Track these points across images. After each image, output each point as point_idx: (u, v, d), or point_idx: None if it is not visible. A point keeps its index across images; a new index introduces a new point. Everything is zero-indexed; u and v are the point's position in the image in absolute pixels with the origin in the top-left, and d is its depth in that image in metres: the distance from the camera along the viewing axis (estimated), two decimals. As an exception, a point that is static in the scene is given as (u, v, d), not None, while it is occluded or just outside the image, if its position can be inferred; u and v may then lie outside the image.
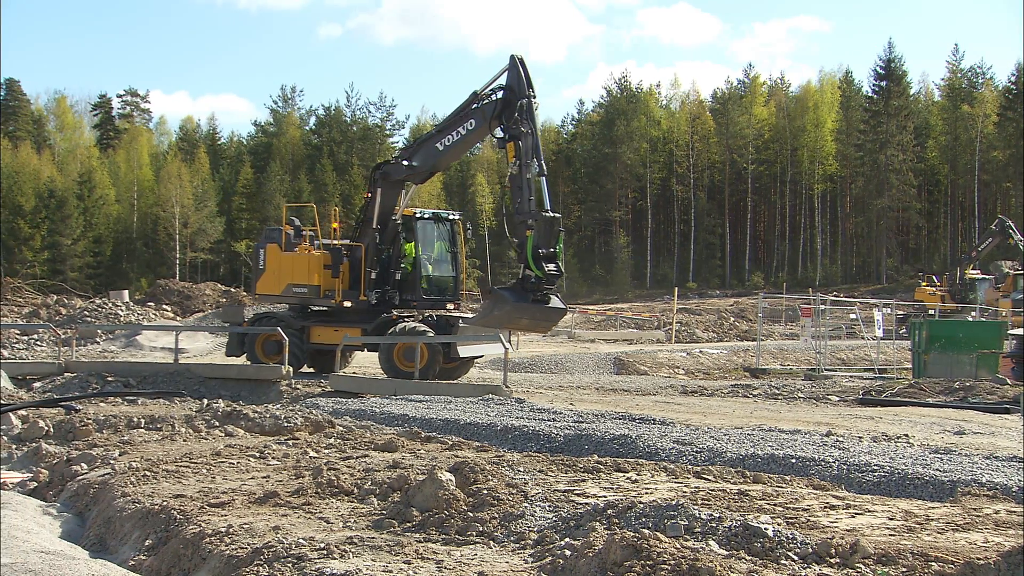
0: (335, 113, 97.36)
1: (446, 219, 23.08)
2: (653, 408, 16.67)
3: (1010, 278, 48.42)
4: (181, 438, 12.39)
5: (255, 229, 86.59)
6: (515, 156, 19.44)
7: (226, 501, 8.21)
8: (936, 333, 26.00)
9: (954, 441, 12.43)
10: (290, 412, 14.83)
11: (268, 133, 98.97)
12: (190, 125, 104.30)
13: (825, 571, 5.74)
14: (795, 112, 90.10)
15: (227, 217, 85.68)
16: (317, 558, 6.27)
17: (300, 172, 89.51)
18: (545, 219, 19.15)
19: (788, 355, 34.30)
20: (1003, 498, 8.46)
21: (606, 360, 30.19)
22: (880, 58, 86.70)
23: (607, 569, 5.53)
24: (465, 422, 14.18)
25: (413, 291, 22.09)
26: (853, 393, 21.45)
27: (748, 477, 9.50)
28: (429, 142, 21.78)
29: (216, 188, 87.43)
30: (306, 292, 22.27)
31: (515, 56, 20.13)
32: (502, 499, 7.60)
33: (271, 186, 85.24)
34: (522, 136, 19.42)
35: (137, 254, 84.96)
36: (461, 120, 21.05)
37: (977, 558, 5.37)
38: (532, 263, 18.88)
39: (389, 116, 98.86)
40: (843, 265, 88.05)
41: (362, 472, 9.30)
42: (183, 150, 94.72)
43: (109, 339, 33.54)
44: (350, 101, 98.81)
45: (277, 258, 22.64)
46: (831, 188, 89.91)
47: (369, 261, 21.89)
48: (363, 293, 21.87)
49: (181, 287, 51.83)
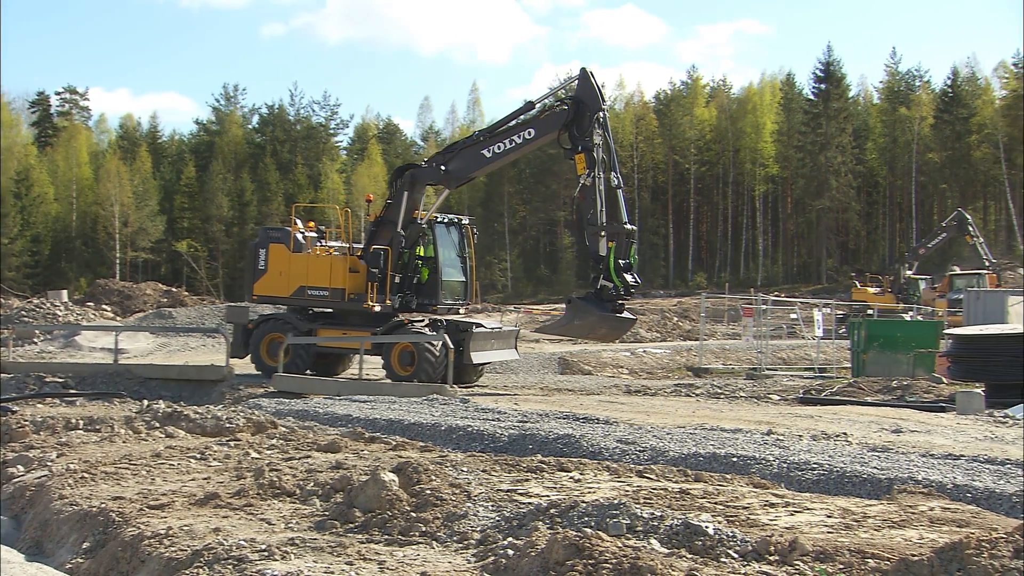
0: (279, 112, 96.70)
1: (458, 223, 22.99)
2: (597, 408, 16.73)
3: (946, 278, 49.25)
4: (120, 439, 12.22)
5: (197, 228, 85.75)
6: (587, 167, 19.69)
7: (166, 503, 8.13)
8: (875, 333, 26.39)
9: (891, 439, 12.62)
10: (232, 413, 14.69)
11: (210, 132, 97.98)
12: (130, 123, 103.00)
13: (764, 569, 5.81)
14: (737, 114, 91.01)
15: (168, 216, 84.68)
16: (258, 560, 6.23)
17: (243, 171, 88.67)
18: (624, 232, 19.71)
19: (730, 354, 34.61)
20: (938, 495, 8.61)
21: (551, 360, 30.26)
22: (820, 61, 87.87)
23: (549, 568, 5.55)
24: (409, 422, 14.15)
25: (432, 295, 21.95)
26: (793, 392, 21.70)
27: (690, 476, 9.57)
28: (473, 148, 21.46)
29: (157, 187, 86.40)
30: (326, 295, 21.80)
31: (585, 68, 20.49)
32: (445, 499, 7.60)
33: (213, 185, 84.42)
34: (595, 147, 19.75)
35: (76, 253, 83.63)
36: (517, 129, 21.00)
37: (912, 555, 5.46)
38: (614, 274, 19.39)
39: (333, 115, 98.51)
40: (784, 265, 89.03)
41: (304, 473, 9.25)
42: (123, 148, 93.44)
43: (47, 339, 33.01)
44: (294, 100, 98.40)
45: (285, 259, 22.09)
46: (772, 189, 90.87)
47: (393, 264, 21.50)
48: (388, 297, 21.45)
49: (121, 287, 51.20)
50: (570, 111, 20.16)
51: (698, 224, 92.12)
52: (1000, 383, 18.92)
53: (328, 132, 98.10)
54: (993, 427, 14.10)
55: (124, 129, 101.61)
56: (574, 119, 20.07)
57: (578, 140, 19.97)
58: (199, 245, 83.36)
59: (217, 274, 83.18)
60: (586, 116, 19.94)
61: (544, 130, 20.62)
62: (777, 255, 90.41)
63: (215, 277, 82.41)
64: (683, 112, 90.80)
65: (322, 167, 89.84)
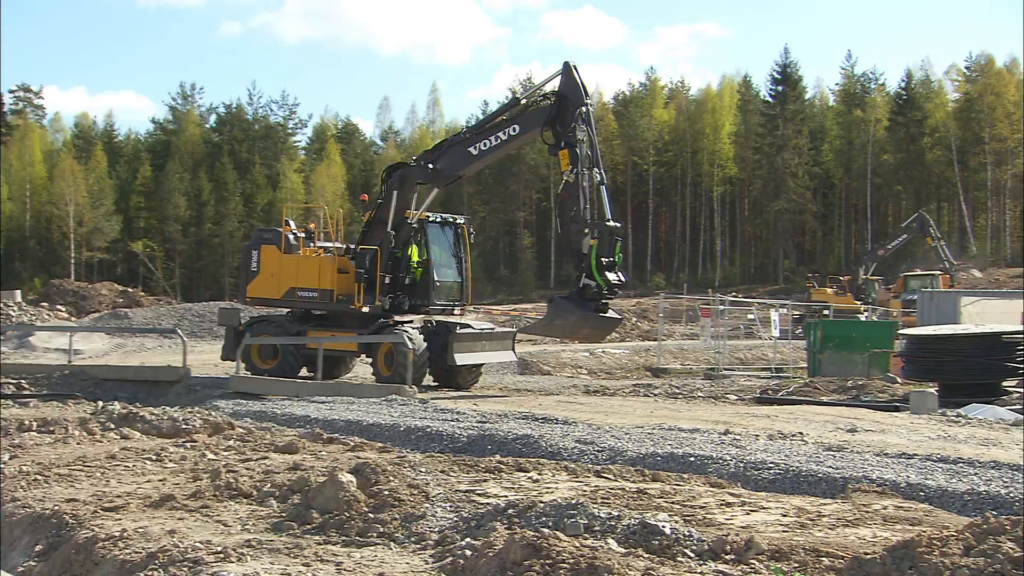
0: (236, 111, 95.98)
1: (453, 223, 22.51)
2: (556, 408, 16.76)
3: (900, 279, 49.84)
4: (75, 441, 12.08)
5: (153, 228, 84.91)
6: (570, 163, 19.28)
7: (120, 505, 8.05)
8: (830, 333, 26.64)
9: (846, 439, 12.74)
10: (188, 414, 14.57)
11: (167, 131, 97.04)
12: (86, 122, 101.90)
13: (720, 568, 5.85)
14: (695, 115, 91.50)
15: (124, 216, 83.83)
16: (214, 562, 6.19)
17: (200, 170, 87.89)
18: (608, 229, 19.35)
19: (688, 355, 34.80)
20: (891, 494, 8.71)
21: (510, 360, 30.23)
22: (776, 63, 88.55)
23: (507, 568, 5.56)
24: (368, 423, 14.11)
25: (425, 296, 21.48)
26: (750, 392, 21.87)
27: (647, 476, 9.61)
28: (460, 146, 21.07)
29: (113, 186, 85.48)
30: (315, 296, 21.37)
31: (569, 63, 20.03)
32: (403, 500, 7.59)
33: (170, 185, 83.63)
34: (579, 143, 19.31)
35: (30, 253, 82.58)
36: (503, 125, 20.62)
37: (865, 553, 5.53)
38: (596, 272, 18.91)
39: (292, 115, 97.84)
40: (742, 266, 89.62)
41: (262, 474, 9.20)
42: (78, 147, 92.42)
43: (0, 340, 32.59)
44: (252, 99, 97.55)
45: (277, 261, 21.67)
46: (730, 190, 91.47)
47: (383, 265, 21.08)
48: (377, 298, 21.02)
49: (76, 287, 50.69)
50: (553, 106, 19.83)
51: (656, 225, 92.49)
52: (953, 383, 19.17)
53: (286, 132, 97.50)
54: (946, 426, 14.28)
55: (79, 128, 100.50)
56: (557, 115, 19.70)
57: (561, 136, 19.59)
58: (155, 245, 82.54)
59: (174, 274, 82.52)
60: (569, 111, 19.54)
61: (528, 126, 20.29)
62: (735, 256, 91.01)
63: (172, 277, 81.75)
64: (642, 113, 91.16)
65: (280, 167, 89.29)
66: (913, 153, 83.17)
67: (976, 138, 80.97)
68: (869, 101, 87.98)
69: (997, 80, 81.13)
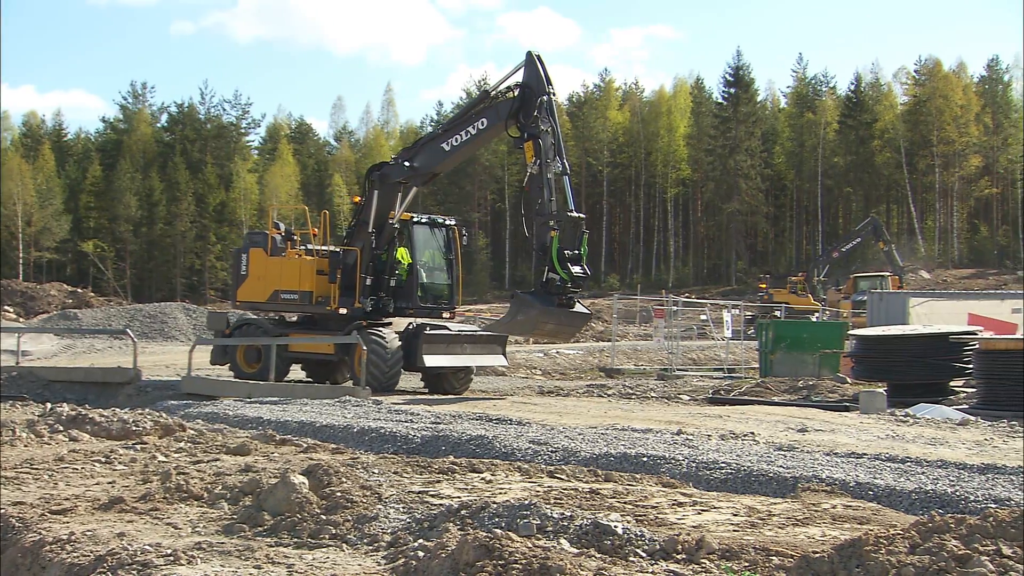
0: (188, 110, 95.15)
1: (442, 224, 22.10)
2: (510, 409, 16.78)
3: (850, 280, 50.43)
4: (22, 443, 11.92)
5: (104, 228, 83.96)
6: (534, 155, 18.74)
7: (68, 508, 7.95)
8: (782, 333, 26.90)
9: (797, 438, 12.85)
10: (139, 416, 14.41)
11: (118, 130, 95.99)
12: (34, 120, 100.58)
13: (672, 567, 5.88)
14: (649, 117, 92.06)
15: (74, 215, 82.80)
16: (164, 564, 6.13)
17: (152, 170, 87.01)
18: (570, 219, 18.71)
19: (642, 355, 34.99)
20: (840, 493, 8.80)
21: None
22: (729, 66, 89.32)
23: (459, 569, 5.56)
24: (321, 424, 14.03)
25: (409, 298, 21.10)
26: (703, 392, 22.04)
27: (600, 476, 9.64)
28: (433, 142, 20.76)
29: (62, 186, 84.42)
30: (296, 299, 21.05)
31: (532, 52, 19.46)
32: (356, 501, 7.56)
33: (121, 184, 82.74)
34: (541, 134, 18.77)
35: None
36: (472, 119, 20.21)
37: (814, 551, 5.58)
38: (557, 265, 18.20)
39: (244, 115, 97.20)
40: (695, 267, 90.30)
41: (213, 476, 9.13)
42: (26, 146, 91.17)
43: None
44: (204, 99, 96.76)
45: (263, 263, 21.35)
46: (683, 192, 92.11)
47: (364, 266, 20.74)
48: (357, 300, 20.68)
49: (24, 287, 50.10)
50: (516, 98, 19.35)
51: (611, 226, 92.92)
52: (902, 383, 19.43)
53: (239, 131, 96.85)
54: (895, 426, 14.45)
55: (27, 126, 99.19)
56: (521, 106, 19.20)
57: (525, 128, 19.08)
58: (106, 245, 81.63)
59: (124, 275, 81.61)
60: (533, 102, 19.04)
61: (494, 118, 19.79)
62: (688, 257, 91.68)
63: (122, 278, 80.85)
64: (596, 115, 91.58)
65: (233, 167, 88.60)
66: (863, 155, 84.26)
67: (924, 141, 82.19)
68: (820, 104, 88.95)
69: (945, 83, 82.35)
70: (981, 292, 48.80)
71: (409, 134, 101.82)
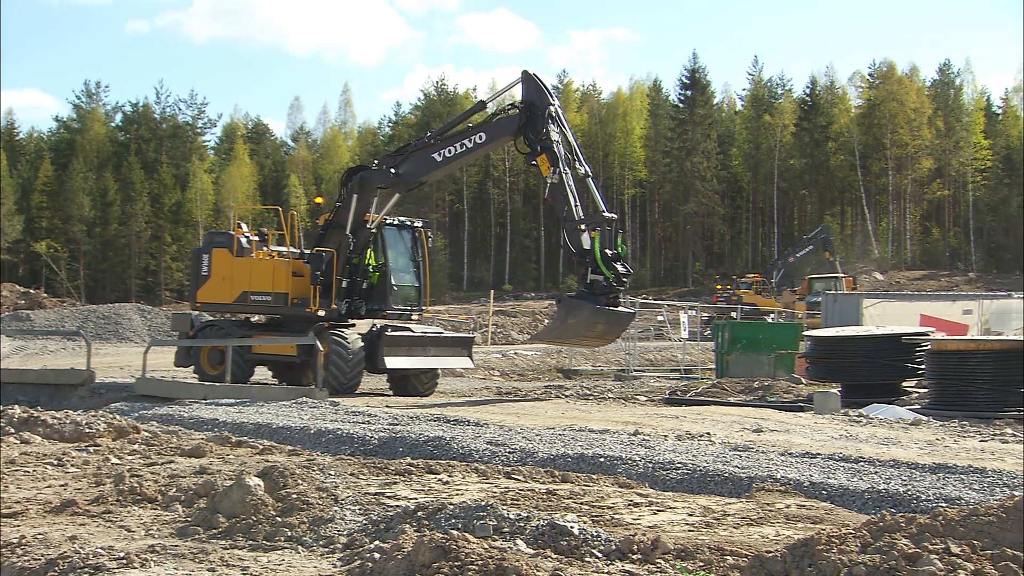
0: (143, 110, 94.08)
1: (410, 227, 22.02)
2: (468, 410, 16.78)
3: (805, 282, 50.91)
4: (-28, 447, 11.77)
5: (57, 228, 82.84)
6: (551, 165, 18.80)
7: (20, 511, 7.86)
8: (738, 334, 27.07)
9: (752, 439, 12.95)
10: (92, 418, 14.26)
11: (71, 129, 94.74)
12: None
13: (627, 567, 5.92)
14: (606, 119, 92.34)
15: (26, 216, 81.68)
16: (116, 568, 6.08)
17: (106, 170, 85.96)
18: (605, 219, 18.77)
19: (599, 356, 35.07)
20: (795, 493, 8.89)
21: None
22: (686, 68, 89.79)
23: (415, 571, 5.56)
24: (277, 426, 13.96)
25: (381, 300, 21.04)
26: (660, 393, 22.14)
27: (557, 477, 9.68)
28: (423, 152, 20.49)
29: (14, 185, 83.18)
30: (269, 301, 20.75)
31: (527, 71, 19.78)
32: (312, 503, 7.54)
33: (74, 184, 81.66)
34: (554, 144, 18.91)
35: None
36: (468, 133, 20.16)
37: (767, 551, 5.64)
38: (602, 265, 18.28)
39: (200, 115, 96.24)
40: (652, 268, 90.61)
41: (167, 479, 9.06)
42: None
43: None
44: (159, 98, 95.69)
45: (228, 264, 20.99)
46: (641, 193, 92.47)
47: (340, 269, 20.59)
48: (333, 302, 20.49)
49: (-25, 288, 49.31)
50: (522, 116, 19.49)
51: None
52: (855, 383, 19.61)
53: (195, 131, 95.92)
54: (848, 426, 14.61)
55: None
56: (527, 122, 19.37)
57: (535, 142, 19.21)
58: (59, 246, 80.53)
59: (78, 275, 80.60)
60: (539, 117, 19.23)
61: (495, 135, 20.00)
62: (645, 258, 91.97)
63: (76, 278, 79.84)
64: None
65: (190, 167, 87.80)
66: (818, 158, 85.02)
67: (878, 143, 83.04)
68: (777, 106, 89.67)
69: (898, 87, 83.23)
70: (933, 294, 49.47)
71: (367, 134, 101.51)
